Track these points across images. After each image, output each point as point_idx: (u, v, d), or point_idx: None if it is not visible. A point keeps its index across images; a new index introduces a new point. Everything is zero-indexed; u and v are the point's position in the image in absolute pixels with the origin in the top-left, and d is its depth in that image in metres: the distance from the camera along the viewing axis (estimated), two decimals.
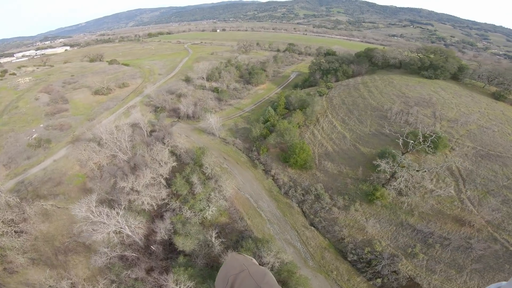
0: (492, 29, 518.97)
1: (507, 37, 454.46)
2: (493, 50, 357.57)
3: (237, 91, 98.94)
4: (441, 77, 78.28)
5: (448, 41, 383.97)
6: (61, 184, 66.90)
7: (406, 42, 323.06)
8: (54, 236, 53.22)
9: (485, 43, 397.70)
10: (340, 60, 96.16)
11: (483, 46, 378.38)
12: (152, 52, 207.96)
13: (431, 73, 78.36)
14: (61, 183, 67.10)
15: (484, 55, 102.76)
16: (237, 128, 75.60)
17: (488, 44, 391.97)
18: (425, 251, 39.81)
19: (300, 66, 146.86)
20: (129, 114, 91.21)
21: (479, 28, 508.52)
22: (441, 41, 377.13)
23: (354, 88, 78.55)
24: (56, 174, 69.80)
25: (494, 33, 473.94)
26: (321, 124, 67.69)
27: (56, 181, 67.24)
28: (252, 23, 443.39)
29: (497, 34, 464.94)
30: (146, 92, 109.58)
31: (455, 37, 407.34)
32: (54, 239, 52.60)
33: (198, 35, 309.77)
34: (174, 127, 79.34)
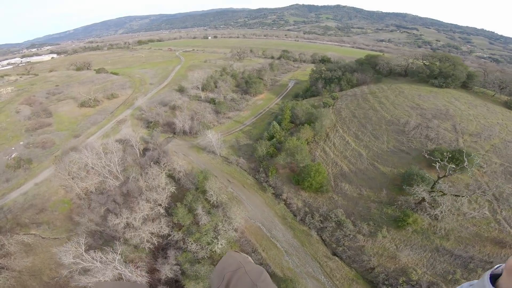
0: (474, 32, 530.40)
1: (489, 40, 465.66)
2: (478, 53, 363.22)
3: (235, 102, 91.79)
4: (451, 85, 73.36)
5: (434, 45, 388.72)
6: (44, 211, 58.13)
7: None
8: (42, 270, 45.38)
9: (469, 47, 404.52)
10: (343, 68, 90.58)
11: (467, 50, 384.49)
12: (142, 60, 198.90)
13: (442, 81, 73.28)
14: (44, 210, 58.34)
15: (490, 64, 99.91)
16: (239, 145, 68.28)
17: (472, 48, 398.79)
18: (467, 276, 36.01)
19: (297, 74, 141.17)
20: (119, 130, 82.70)
21: (461, 32, 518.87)
22: (427, 45, 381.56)
23: (362, 98, 72.62)
24: (38, 199, 60.96)
25: (477, 36, 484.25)
26: (332, 140, 61.20)
27: (39, 208, 58.53)
28: (243, 30, 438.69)
29: (479, 37, 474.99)
30: (137, 104, 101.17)
31: (440, 41, 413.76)
32: (41, 273, 44.89)
33: (190, 42, 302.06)
34: (170, 144, 71.39)
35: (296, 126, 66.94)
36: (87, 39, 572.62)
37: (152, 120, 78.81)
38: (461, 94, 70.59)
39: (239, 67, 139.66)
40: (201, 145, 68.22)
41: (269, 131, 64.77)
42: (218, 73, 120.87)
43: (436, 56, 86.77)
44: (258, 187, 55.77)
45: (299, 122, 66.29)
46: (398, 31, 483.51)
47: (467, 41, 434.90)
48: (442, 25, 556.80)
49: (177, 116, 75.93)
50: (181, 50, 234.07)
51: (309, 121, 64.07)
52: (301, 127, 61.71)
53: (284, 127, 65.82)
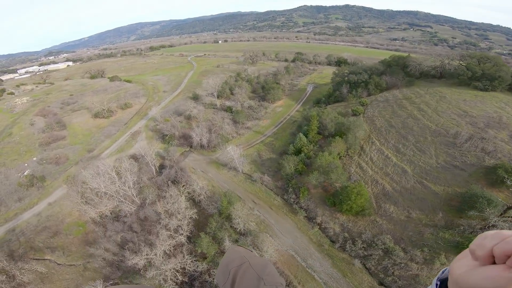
0: (490, 28, 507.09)
1: (506, 36, 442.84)
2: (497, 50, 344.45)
3: (252, 110, 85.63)
4: (498, 88, 64.72)
5: (451, 42, 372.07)
6: (58, 235, 53.64)
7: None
8: None
9: (487, 43, 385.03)
10: (369, 70, 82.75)
11: (486, 46, 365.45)
12: (155, 66, 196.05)
13: (487, 84, 64.57)
14: (58, 233, 53.85)
15: None
16: (262, 159, 61.92)
17: (490, 44, 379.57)
18: None
19: (313, 77, 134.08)
20: (133, 144, 77.99)
21: (477, 28, 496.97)
22: (443, 43, 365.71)
23: (397, 105, 64.87)
24: (52, 221, 56.60)
25: (493, 33, 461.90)
26: (368, 153, 53.99)
27: (53, 231, 54.11)
28: (253, 33, 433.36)
29: (496, 34, 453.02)
30: (151, 113, 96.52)
31: (456, 38, 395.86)
32: None
33: (201, 47, 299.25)
34: (187, 159, 65.83)
35: (324, 138, 59.96)
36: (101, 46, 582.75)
37: (168, 133, 73.45)
38: (509, 98, 61.87)
39: (253, 71, 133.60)
40: (221, 160, 62.26)
41: (295, 144, 58.09)
42: (232, 78, 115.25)
43: (474, 56, 77.74)
44: (288, 209, 49.23)
45: (328, 133, 59.31)
46: (411, 29, 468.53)
47: (484, 38, 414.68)
48: (456, 22, 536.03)
49: (194, 128, 70.13)
50: (192, 55, 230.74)
51: (339, 132, 57.06)
52: (331, 140, 54.72)
53: (311, 139, 59.02)
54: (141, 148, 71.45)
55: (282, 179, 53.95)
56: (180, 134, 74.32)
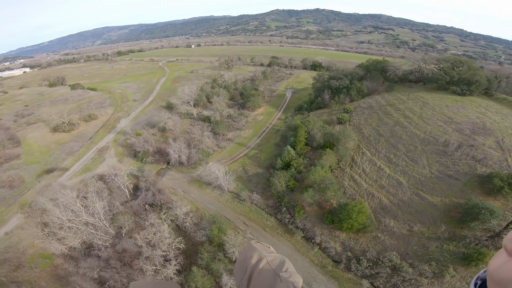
0: (445, 30, 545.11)
1: (460, 37, 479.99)
2: (452, 51, 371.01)
3: (232, 119, 79.96)
4: (475, 92, 65.38)
5: (411, 44, 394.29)
6: (22, 268, 44.46)
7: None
8: None
9: (443, 45, 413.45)
10: (349, 75, 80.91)
11: (442, 48, 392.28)
12: (123, 72, 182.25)
13: (465, 88, 64.86)
14: (21, 266, 44.66)
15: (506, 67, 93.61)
16: (248, 175, 56.47)
17: (446, 45, 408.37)
18: None
19: (291, 81, 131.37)
20: (101, 161, 68.66)
21: (433, 30, 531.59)
22: (404, 45, 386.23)
23: (382, 112, 62.87)
24: (11, 253, 47.15)
25: (448, 34, 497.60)
26: (360, 165, 50.84)
27: (14, 264, 44.99)
28: (226, 37, 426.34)
29: (450, 35, 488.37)
30: (119, 126, 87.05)
31: (416, 40, 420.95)
32: None
33: (172, 51, 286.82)
34: (165, 177, 58.53)
35: (313, 149, 56.02)
36: (63, 51, 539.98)
37: (140, 150, 65.18)
38: (487, 103, 62.33)
39: (230, 76, 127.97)
40: (203, 178, 55.74)
41: (282, 157, 53.39)
42: (208, 85, 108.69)
43: (448, 60, 78.90)
44: (283, 230, 44.41)
45: (316, 144, 55.44)
46: (376, 32, 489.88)
47: (440, 39, 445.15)
48: (414, 25, 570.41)
49: (170, 143, 62.52)
50: (164, 60, 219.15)
51: (328, 143, 53.45)
52: (321, 152, 50.82)
53: (299, 152, 54.76)
54: (111, 167, 63.03)
55: (273, 197, 49.04)
56: (154, 149, 66.55)
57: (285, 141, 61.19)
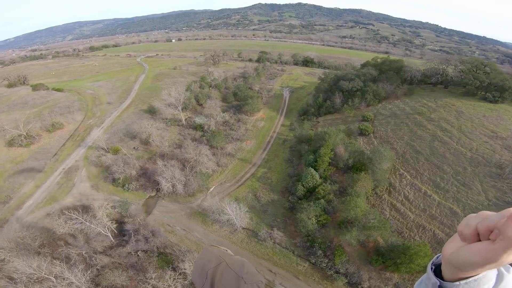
0: (421, 26, 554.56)
1: (435, 33, 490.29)
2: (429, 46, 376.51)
3: (229, 126, 66.55)
4: (506, 100, 56.80)
5: (391, 39, 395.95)
6: None
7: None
8: None
9: (420, 40, 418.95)
10: (362, 76, 69.72)
11: (419, 43, 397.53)
12: (95, 69, 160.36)
13: (497, 95, 56.33)
14: None
15: None
16: (261, 204, 43.78)
17: (423, 41, 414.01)
18: None
19: (285, 79, 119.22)
20: (70, 186, 53.13)
21: (410, 26, 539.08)
22: (385, 40, 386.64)
23: (412, 122, 52.19)
24: None
25: (424, 30, 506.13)
26: (400, 191, 40.07)
27: None
28: (208, 31, 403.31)
29: (426, 31, 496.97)
30: (91, 137, 70.65)
31: (395, 36, 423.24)
32: None
33: (152, 46, 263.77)
34: (156, 210, 44.43)
35: (338, 170, 44.56)
36: (30, 47, 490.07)
37: (120, 175, 49.90)
38: None
39: (219, 74, 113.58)
40: (206, 210, 41.97)
41: (304, 182, 41.30)
42: (196, 84, 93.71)
43: (471, 62, 69.38)
44: (320, 276, 32.97)
45: (343, 165, 44.02)
46: (357, 27, 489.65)
47: (417, 35, 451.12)
48: (393, 20, 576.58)
49: (159, 168, 47.55)
50: (142, 55, 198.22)
51: (358, 163, 42.24)
52: (354, 177, 39.39)
53: (322, 174, 43.06)
54: (84, 196, 48.52)
55: (299, 234, 37.20)
56: (138, 171, 51.99)
57: (299, 157, 49.36)
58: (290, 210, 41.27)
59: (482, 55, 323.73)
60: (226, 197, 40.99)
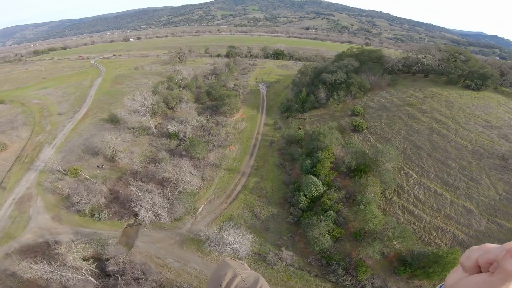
0: (375, 15, 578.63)
1: (388, 22, 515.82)
2: (385, 35, 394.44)
3: (208, 131, 58.64)
4: (489, 88, 56.53)
5: (350, 29, 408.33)
6: None
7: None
8: None
9: (376, 29, 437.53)
10: (344, 67, 65.57)
11: (376, 32, 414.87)
12: (42, 75, 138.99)
13: (479, 83, 55.64)
14: None
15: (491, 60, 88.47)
16: (260, 220, 37.20)
17: (379, 29, 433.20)
18: None
19: (258, 73, 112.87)
20: (26, 220, 41.89)
21: (366, 15, 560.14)
22: (345, 30, 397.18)
23: (404, 114, 48.94)
24: None
25: (378, 19, 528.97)
26: (409, 191, 36.41)
27: None
28: (169, 28, 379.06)
29: (380, 20, 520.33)
30: (43, 157, 58.24)
31: (354, 25, 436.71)
32: None
33: (107, 46, 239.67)
34: (139, 241, 35.99)
35: (339, 174, 39.77)
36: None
37: (85, 206, 39.95)
38: (503, 99, 53.11)
39: (188, 72, 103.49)
40: (199, 234, 34.63)
41: (306, 192, 35.73)
42: (164, 85, 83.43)
43: (447, 51, 68.45)
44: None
45: (345, 168, 39.29)
46: (319, 18, 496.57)
47: (372, 24, 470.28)
48: (350, 10, 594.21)
49: (136, 196, 38.90)
50: (97, 57, 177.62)
51: (362, 165, 37.82)
52: (361, 182, 34.82)
53: (324, 180, 37.86)
54: (45, 230, 38.84)
55: (311, 251, 31.82)
56: (108, 196, 42.45)
57: (291, 160, 43.88)
58: (295, 224, 35.73)
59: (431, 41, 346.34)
60: (219, 218, 34.02)
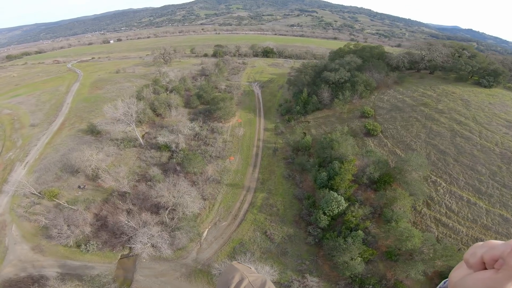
0: (357, 11, 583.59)
1: (369, 17, 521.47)
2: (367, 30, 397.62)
3: (202, 140, 51.94)
4: (500, 84, 53.19)
5: (335, 25, 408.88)
6: None
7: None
8: None
9: (359, 25, 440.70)
10: (347, 65, 60.46)
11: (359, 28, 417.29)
12: (14, 81, 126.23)
13: (491, 80, 52.29)
14: None
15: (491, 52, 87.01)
16: (275, 243, 31.23)
17: (361, 25, 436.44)
18: None
19: (249, 73, 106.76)
20: (3, 251, 34.40)
21: (348, 11, 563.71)
22: (329, 27, 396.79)
23: (421, 115, 44.42)
24: None
25: (360, 15, 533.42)
26: (439, 201, 32.04)
27: None
28: (151, 29, 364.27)
29: (362, 15, 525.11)
30: (15, 178, 49.61)
31: (337, 22, 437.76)
32: None
33: (85, 49, 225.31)
34: (139, 274, 29.65)
35: (359, 186, 34.67)
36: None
37: (68, 240, 32.58)
38: None
39: (175, 74, 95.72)
40: (204, 263, 28.84)
41: (327, 210, 30.35)
42: (149, 89, 75.68)
43: (452, 46, 64.86)
44: None
45: (367, 179, 34.26)
46: (303, 15, 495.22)
47: (355, 20, 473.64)
48: (333, 7, 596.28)
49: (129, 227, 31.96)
50: (74, 60, 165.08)
51: (386, 176, 32.92)
52: (388, 194, 29.95)
53: (343, 194, 32.54)
54: (26, 263, 32.05)
55: (341, 276, 26.65)
56: (94, 224, 35.33)
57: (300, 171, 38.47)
58: (316, 245, 30.57)
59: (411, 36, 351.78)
60: (228, 244, 28.00)
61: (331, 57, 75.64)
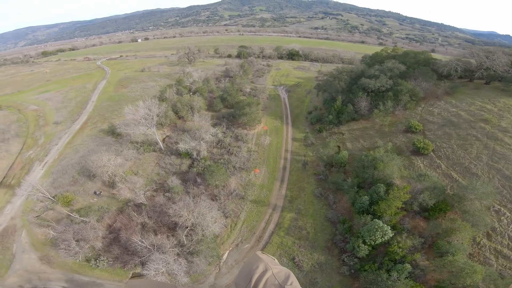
0: (385, 14, 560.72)
1: (398, 21, 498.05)
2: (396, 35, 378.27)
3: (226, 148, 47.60)
4: None
5: (361, 29, 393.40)
6: None
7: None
8: None
9: (387, 28, 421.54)
10: (388, 71, 53.79)
11: (387, 32, 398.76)
12: (46, 77, 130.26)
13: None
14: None
15: None
16: (304, 272, 25.52)
17: (389, 29, 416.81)
18: None
19: (275, 75, 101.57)
20: (9, 259, 31.91)
21: (376, 15, 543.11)
22: (355, 30, 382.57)
23: (483, 134, 37.07)
24: None
25: (388, 18, 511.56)
26: (501, 232, 26.43)
27: None
28: (177, 29, 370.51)
29: (390, 19, 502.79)
30: (31, 179, 48.06)
31: (364, 25, 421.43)
32: None
33: (115, 47, 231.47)
34: None
35: (408, 213, 28.44)
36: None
37: (77, 256, 29.51)
38: None
39: (198, 74, 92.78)
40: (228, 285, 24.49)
41: (367, 238, 24.70)
42: (172, 89, 72.76)
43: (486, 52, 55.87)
44: None
45: (418, 206, 27.86)
46: (327, 18, 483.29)
47: (383, 24, 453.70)
48: (359, 10, 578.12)
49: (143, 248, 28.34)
50: (103, 58, 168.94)
51: (442, 203, 26.67)
52: (445, 224, 23.83)
53: (388, 221, 26.59)
54: (32, 274, 30.19)
55: None
56: (107, 237, 32.11)
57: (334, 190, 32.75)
58: (351, 276, 25.06)
59: (444, 41, 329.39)
60: None
61: (367, 62, 68.45)
